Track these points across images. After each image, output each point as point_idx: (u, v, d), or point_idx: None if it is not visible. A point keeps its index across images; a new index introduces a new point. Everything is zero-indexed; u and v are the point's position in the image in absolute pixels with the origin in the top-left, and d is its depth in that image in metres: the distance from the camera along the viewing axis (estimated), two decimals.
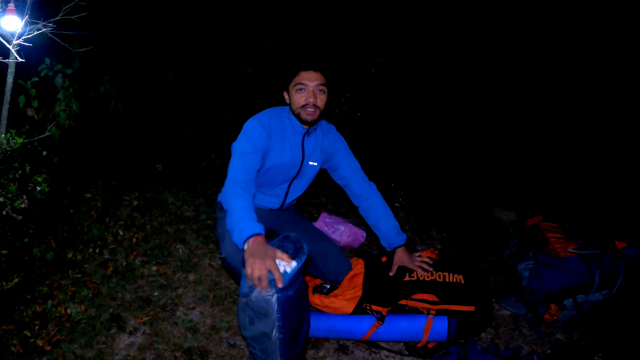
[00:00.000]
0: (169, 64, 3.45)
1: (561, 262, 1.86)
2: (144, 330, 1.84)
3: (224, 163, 3.25)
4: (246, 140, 1.64)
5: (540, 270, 1.85)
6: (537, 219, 2.25)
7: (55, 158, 2.37)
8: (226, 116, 3.41)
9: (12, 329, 1.79)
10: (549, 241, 2.05)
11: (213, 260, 2.29)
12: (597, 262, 1.83)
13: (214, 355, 1.75)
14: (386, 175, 3.11)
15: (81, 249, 2.27)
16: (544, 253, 2.04)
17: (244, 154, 1.62)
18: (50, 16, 2.02)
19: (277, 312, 1.31)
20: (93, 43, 2.50)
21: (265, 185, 1.83)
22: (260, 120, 1.70)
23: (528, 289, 1.90)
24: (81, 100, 2.45)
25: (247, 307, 1.36)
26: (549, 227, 2.15)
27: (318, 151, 1.83)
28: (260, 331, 1.36)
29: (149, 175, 3.10)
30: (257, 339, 1.39)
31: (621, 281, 1.81)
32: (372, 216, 1.88)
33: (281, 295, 1.31)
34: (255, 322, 1.36)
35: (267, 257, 1.28)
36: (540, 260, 1.96)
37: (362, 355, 1.78)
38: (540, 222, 2.21)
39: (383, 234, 1.86)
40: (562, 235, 2.08)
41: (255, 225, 1.39)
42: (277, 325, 1.33)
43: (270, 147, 1.71)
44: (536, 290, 1.84)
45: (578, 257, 1.87)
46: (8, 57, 1.94)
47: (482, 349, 1.70)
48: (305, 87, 1.67)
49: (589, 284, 1.81)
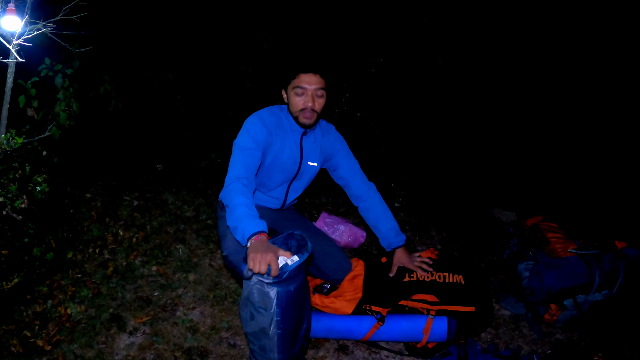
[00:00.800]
0: (169, 64, 3.45)
1: (561, 262, 1.86)
2: (144, 330, 1.84)
3: (224, 163, 3.26)
4: (247, 136, 1.64)
5: (540, 270, 1.85)
6: (537, 219, 2.24)
7: (55, 158, 2.37)
8: (226, 116, 3.41)
9: (12, 329, 1.79)
10: (549, 241, 2.05)
11: (213, 260, 2.29)
12: (597, 262, 1.83)
13: (214, 355, 1.75)
14: (386, 175, 3.10)
15: (81, 249, 2.27)
16: (544, 253, 2.04)
17: (244, 150, 1.62)
18: (50, 16, 2.02)
19: (276, 306, 1.32)
20: (93, 43, 2.50)
21: (265, 185, 1.83)
22: (260, 116, 1.70)
23: (528, 289, 1.90)
24: (81, 100, 2.45)
25: (248, 302, 1.37)
26: (549, 227, 2.14)
27: (317, 151, 1.82)
28: (259, 326, 1.37)
29: (149, 175, 3.10)
30: (256, 335, 1.40)
31: (621, 281, 1.81)
32: (372, 217, 1.88)
33: (281, 290, 1.31)
34: (256, 316, 1.37)
35: (268, 252, 1.29)
36: (540, 260, 1.96)
37: (362, 355, 1.78)
38: (540, 222, 2.20)
39: (382, 234, 1.86)
40: (562, 235, 2.07)
41: (258, 223, 1.40)
42: (276, 320, 1.33)
43: (271, 144, 1.71)
44: (536, 290, 1.84)
45: (578, 257, 1.87)
46: (8, 57, 1.94)
47: (482, 349, 1.70)
48: (304, 91, 1.65)
49: (589, 283, 1.81)
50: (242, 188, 1.50)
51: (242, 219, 1.41)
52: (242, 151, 1.61)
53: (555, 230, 2.12)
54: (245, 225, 1.39)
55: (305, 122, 1.69)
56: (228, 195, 1.51)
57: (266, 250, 1.30)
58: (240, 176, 1.54)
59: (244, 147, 1.62)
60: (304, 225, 1.94)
